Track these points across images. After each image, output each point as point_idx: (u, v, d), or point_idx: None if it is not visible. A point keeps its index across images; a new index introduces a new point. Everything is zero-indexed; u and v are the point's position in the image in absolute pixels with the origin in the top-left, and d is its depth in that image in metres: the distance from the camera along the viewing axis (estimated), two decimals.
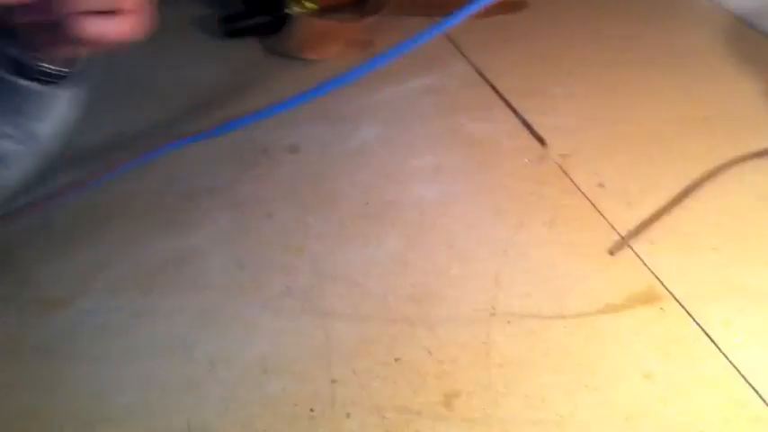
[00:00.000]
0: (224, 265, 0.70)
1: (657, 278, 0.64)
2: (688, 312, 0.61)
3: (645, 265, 0.66)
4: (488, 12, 1.00)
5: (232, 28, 1.02)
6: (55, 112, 0.55)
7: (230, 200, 0.77)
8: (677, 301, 0.62)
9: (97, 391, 0.60)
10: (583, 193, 0.74)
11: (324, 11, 1.07)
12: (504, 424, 0.55)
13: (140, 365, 0.62)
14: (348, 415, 0.56)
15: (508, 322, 0.62)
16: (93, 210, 0.76)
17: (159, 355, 0.63)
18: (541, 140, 0.81)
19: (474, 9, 0.69)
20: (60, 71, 0.52)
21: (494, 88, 0.91)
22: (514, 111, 0.86)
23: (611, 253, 0.67)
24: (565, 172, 0.76)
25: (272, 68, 0.98)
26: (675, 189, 0.73)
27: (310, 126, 0.85)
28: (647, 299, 0.63)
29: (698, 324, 0.61)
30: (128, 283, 0.69)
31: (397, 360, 0.60)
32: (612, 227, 0.70)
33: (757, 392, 0.56)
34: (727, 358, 0.58)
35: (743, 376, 0.57)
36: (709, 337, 0.60)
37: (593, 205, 0.72)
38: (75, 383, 0.61)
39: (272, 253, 0.71)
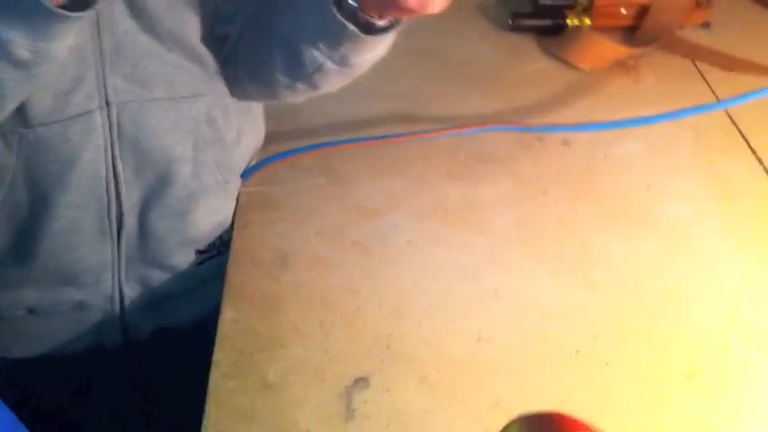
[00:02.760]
0: (506, 221, 0.85)
1: None
2: None
3: None
4: None
5: (520, 23, 1.17)
6: (370, 53, 0.69)
7: (511, 170, 0.92)
8: None
9: (407, 287, 0.77)
10: None
11: (596, 29, 1.19)
12: (734, 411, 0.67)
13: (439, 280, 0.78)
14: (607, 363, 0.70)
15: (743, 335, 0.74)
16: (399, 152, 0.93)
17: (454, 276, 0.78)
18: None
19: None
20: (383, 26, 0.65)
21: (744, 137, 1.02)
22: (761, 162, 0.97)
23: None
24: None
25: (546, 68, 1.13)
26: None
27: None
28: None
29: None
30: (429, 213, 0.85)
31: (648, 335, 0.73)
32: None
33: None
34: None
35: None
36: None
37: None
38: (388, 277, 0.78)
39: (547, 223, 0.85)
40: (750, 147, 0.98)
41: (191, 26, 0.69)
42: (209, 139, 0.75)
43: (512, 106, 1.02)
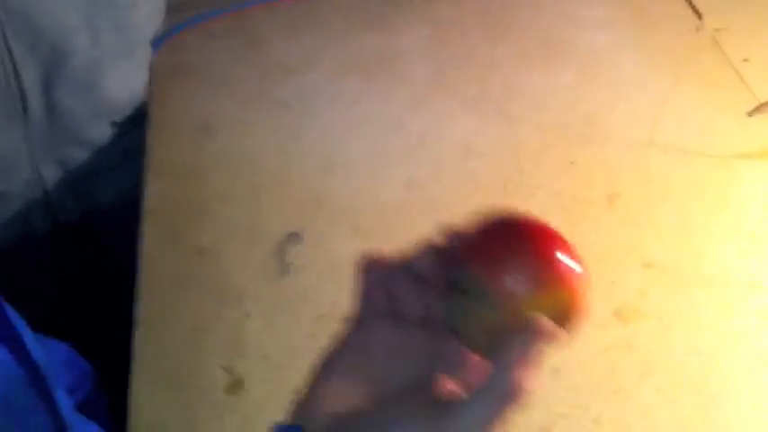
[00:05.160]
0: (427, 67, 0.85)
1: None
2: None
3: None
4: None
5: None
6: None
7: (428, 16, 0.91)
8: None
9: (332, 142, 0.77)
10: (731, 63, 0.86)
11: None
12: (653, 224, 0.70)
13: (365, 131, 0.78)
14: (533, 195, 0.72)
15: (663, 152, 0.76)
16: (313, 8, 0.90)
17: (380, 126, 0.78)
18: (698, 13, 0.93)
19: None
20: None
21: None
22: None
23: (750, 114, 0.81)
24: (717, 43, 0.89)
25: None
26: None
27: None
28: None
29: None
30: (349, 68, 0.84)
31: (572, 163, 0.75)
32: (753, 94, 0.83)
33: None
34: None
35: None
36: None
37: (739, 75, 0.85)
38: (314, 134, 0.77)
39: (468, 66, 0.85)
40: None
41: None
42: (100, 2, 0.72)
43: None
